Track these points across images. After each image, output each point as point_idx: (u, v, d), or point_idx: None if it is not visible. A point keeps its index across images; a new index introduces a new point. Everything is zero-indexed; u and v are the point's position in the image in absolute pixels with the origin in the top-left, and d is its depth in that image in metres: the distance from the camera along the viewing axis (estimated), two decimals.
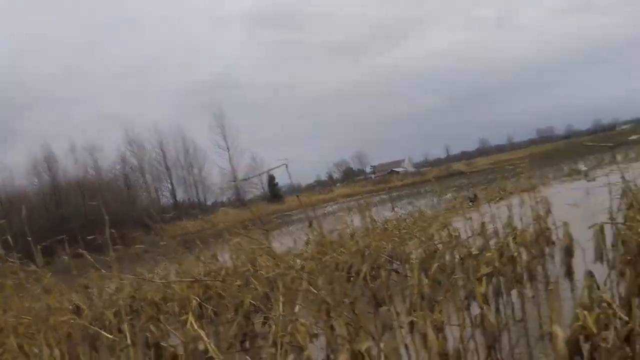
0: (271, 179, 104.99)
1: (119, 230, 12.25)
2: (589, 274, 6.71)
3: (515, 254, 9.74)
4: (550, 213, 12.71)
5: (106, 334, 9.08)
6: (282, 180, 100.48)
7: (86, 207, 74.29)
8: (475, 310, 7.42)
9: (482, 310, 6.97)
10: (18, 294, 12.12)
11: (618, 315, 5.05)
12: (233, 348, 11.17)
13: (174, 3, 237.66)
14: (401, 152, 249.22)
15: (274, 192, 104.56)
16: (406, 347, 7.29)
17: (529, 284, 10.85)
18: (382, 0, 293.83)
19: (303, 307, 7.85)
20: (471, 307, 8.28)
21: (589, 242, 9.68)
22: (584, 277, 6.69)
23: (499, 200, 24.07)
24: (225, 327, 11.88)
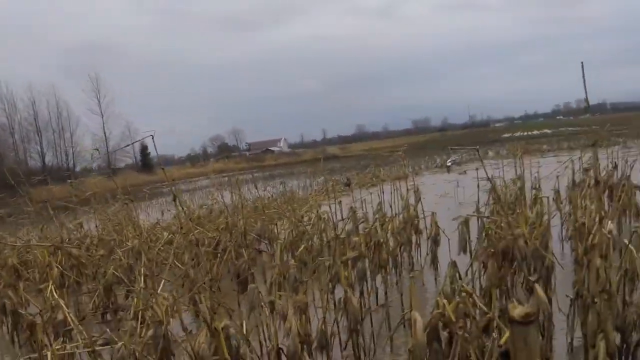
0: (144, 148, 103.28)
1: None
2: (453, 264, 6.79)
3: (383, 240, 9.80)
4: (420, 202, 12.86)
5: None
6: (155, 151, 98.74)
7: None
8: (339, 293, 7.42)
9: (346, 294, 6.97)
10: None
11: (478, 306, 5.11)
12: (93, 319, 10.93)
13: None
14: (278, 131, 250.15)
15: (146, 162, 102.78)
16: (267, 326, 7.23)
17: (394, 271, 10.96)
18: None
19: (167, 281, 7.69)
20: (336, 290, 8.29)
21: (455, 233, 9.84)
22: (447, 267, 6.77)
23: (371, 187, 24.34)
24: (86, 297, 11.61)
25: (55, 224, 14.64)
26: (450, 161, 43.00)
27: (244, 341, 5.76)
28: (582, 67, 5.22)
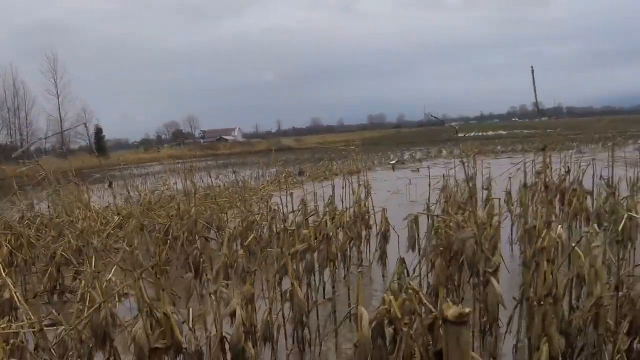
0: (98, 131, 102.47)
1: None
2: (402, 261, 6.77)
3: (332, 234, 9.76)
4: (371, 198, 12.85)
5: None
6: (110, 134, 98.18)
7: None
8: (286, 285, 7.37)
9: (293, 286, 6.92)
10: None
11: (424, 303, 5.08)
12: (41, 300, 10.79)
13: None
14: (234, 121, 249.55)
15: (100, 146, 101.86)
16: (213, 314, 7.17)
17: (343, 265, 10.94)
18: None
19: (116, 265, 7.59)
20: (283, 282, 8.24)
21: (404, 230, 9.84)
22: (396, 264, 6.75)
23: (324, 180, 24.32)
24: (34, 277, 11.45)
25: (6, 203, 14.44)
26: (395, 160, 43.20)
27: (191, 327, 5.69)
28: (532, 72, 5.23)
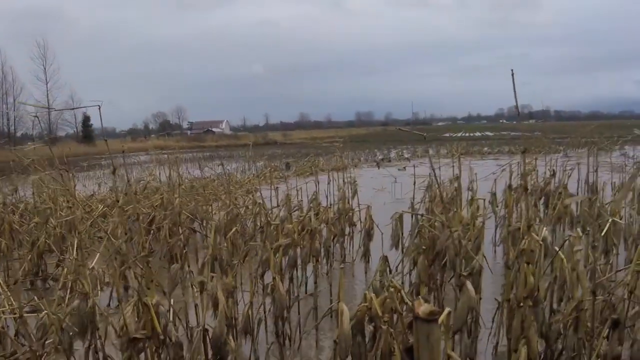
0: (86, 119, 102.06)
1: None
2: (384, 259, 6.78)
3: (316, 229, 9.75)
4: (356, 195, 12.86)
5: None
6: (97, 122, 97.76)
7: None
8: (268, 279, 7.36)
9: (274, 280, 6.91)
10: None
11: (405, 302, 5.08)
12: (22, 285, 10.75)
13: None
14: (221, 113, 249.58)
15: (87, 133, 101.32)
16: (196, 306, 7.15)
17: (326, 261, 10.94)
18: None
19: (99, 253, 7.55)
20: (265, 276, 8.23)
21: (388, 228, 9.84)
22: (379, 261, 6.75)
23: (309, 175, 24.30)
24: (17, 263, 11.42)
25: None
26: (380, 157, 43.38)
27: (173, 319, 5.68)
28: (512, 75, 5.21)
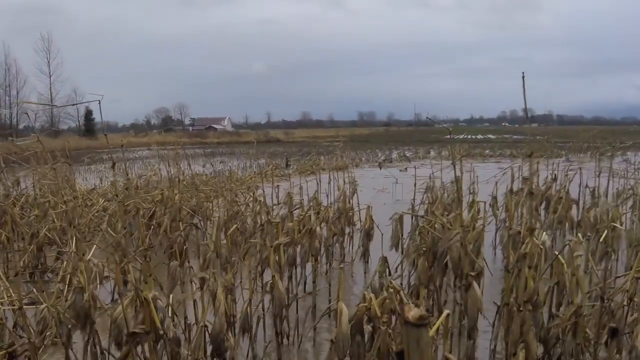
0: (88, 113, 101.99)
1: None
2: (384, 260, 6.78)
3: (316, 228, 9.74)
4: (356, 195, 12.85)
5: None
6: (99, 117, 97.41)
7: None
8: (268, 277, 7.35)
9: (273, 278, 6.91)
10: None
11: (404, 303, 5.08)
12: (21, 278, 10.75)
13: None
14: (224, 110, 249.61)
15: (89, 127, 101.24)
16: (195, 302, 7.15)
17: (325, 260, 10.94)
18: None
19: (99, 247, 7.56)
20: (264, 274, 8.23)
21: (388, 228, 9.83)
22: (378, 262, 6.75)
23: (310, 174, 24.29)
24: (16, 255, 11.42)
25: None
26: (382, 158, 43.44)
27: (172, 314, 5.68)
28: (522, 77, 5.20)
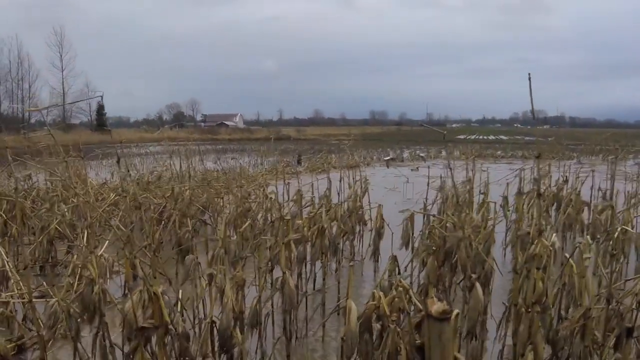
0: (100, 108, 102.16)
1: None
2: (394, 258, 6.78)
3: (326, 226, 9.75)
4: (367, 193, 12.86)
5: None
6: (111, 111, 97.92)
7: None
8: (277, 273, 7.36)
9: (284, 275, 6.92)
10: None
11: (413, 302, 5.09)
12: (32, 271, 10.79)
13: None
14: (236, 107, 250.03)
15: (101, 122, 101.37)
16: (204, 298, 7.18)
17: (335, 258, 10.94)
18: None
19: (109, 241, 7.58)
20: (274, 271, 8.24)
21: (399, 227, 9.84)
22: (388, 260, 6.75)
23: (321, 172, 24.30)
24: (27, 248, 11.48)
25: (3, 172, 14.45)
26: (390, 156, 43.42)
27: (180, 309, 5.69)
28: (529, 78, 5.19)
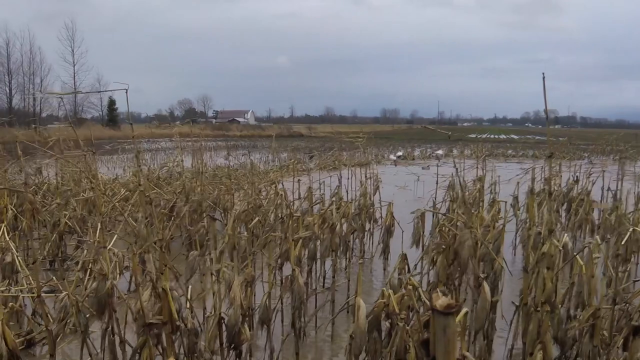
0: (111, 103, 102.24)
1: None
2: (404, 257, 6.78)
3: (337, 223, 9.76)
4: (378, 191, 12.85)
5: None
6: (122, 107, 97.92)
7: None
8: (287, 270, 7.38)
9: (293, 272, 6.93)
10: None
11: (423, 300, 5.10)
12: (41, 265, 10.83)
13: None
14: (247, 103, 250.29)
15: (112, 117, 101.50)
16: (213, 294, 7.20)
17: (344, 255, 10.95)
18: None
19: (119, 237, 7.62)
20: (284, 267, 8.26)
21: (409, 226, 9.84)
22: (398, 258, 6.76)
23: (332, 169, 24.28)
24: (37, 243, 11.52)
25: (14, 166, 14.47)
26: (397, 155, 43.43)
27: (190, 306, 5.71)
28: (543, 79, 5.18)
